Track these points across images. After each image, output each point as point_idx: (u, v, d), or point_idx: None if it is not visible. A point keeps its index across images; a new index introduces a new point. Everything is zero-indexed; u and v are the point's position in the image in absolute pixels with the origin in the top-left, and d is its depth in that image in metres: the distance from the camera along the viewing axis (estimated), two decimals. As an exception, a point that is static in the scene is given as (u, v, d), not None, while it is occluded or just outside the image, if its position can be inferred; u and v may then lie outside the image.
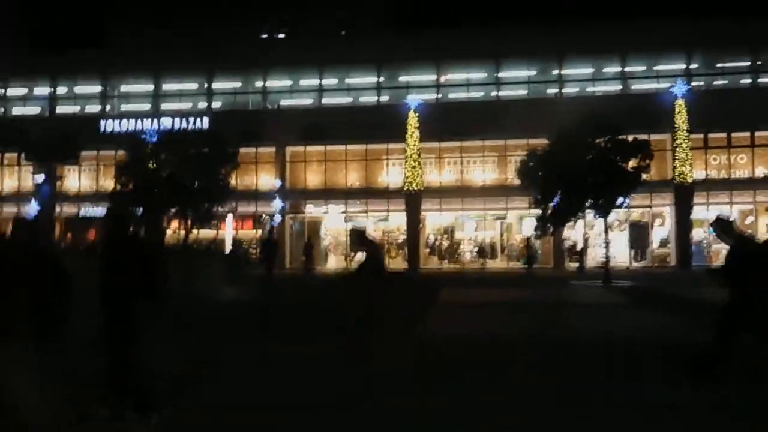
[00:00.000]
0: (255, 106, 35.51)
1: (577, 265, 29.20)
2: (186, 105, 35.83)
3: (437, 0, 41.33)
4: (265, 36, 40.05)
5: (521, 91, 33.84)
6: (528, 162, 22.79)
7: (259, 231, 34.69)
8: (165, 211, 24.90)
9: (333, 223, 34.22)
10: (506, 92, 33.68)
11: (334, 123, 32.00)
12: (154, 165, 24.45)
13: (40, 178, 11.21)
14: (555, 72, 33.16)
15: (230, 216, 31.65)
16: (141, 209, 24.08)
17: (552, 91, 33.30)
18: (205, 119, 33.18)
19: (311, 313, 13.12)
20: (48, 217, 22.88)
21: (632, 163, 21.86)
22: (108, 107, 36.56)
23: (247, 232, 34.70)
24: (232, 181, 27.27)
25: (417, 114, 31.65)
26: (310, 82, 35.03)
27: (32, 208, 24.92)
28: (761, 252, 6.90)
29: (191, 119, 33.43)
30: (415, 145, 31.70)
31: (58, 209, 28.09)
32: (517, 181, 31.87)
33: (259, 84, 35.56)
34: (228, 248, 29.07)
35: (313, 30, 38.93)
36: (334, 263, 33.37)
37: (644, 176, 22.18)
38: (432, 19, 38.11)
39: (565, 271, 28.93)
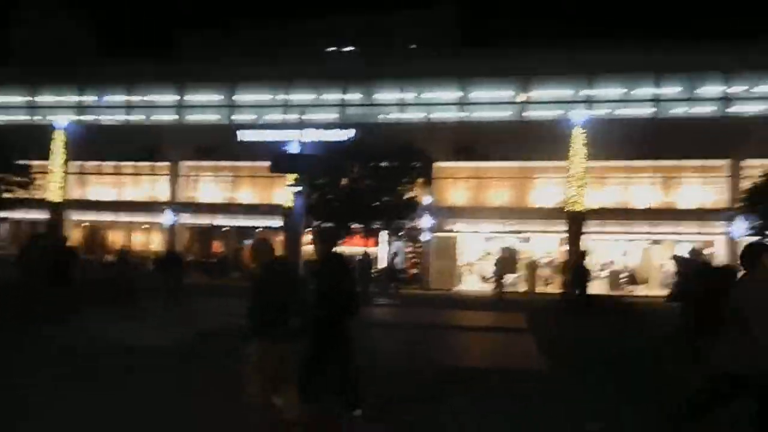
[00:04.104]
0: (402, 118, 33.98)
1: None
2: (318, 117, 34.57)
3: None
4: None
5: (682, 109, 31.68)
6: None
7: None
8: (347, 226, 23.61)
9: (475, 242, 32.71)
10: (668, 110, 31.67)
11: (483, 138, 30.62)
12: (343, 180, 23.15)
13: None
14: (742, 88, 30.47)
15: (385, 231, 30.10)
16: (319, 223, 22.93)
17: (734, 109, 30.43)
18: (352, 131, 31.86)
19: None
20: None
21: None
22: (239, 117, 35.63)
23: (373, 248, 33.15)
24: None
25: (584, 130, 29.89)
26: (454, 95, 33.62)
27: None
28: None
29: (336, 131, 32.21)
30: (581, 163, 29.90)
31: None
32: (685, 204, 30.55)
33: (401, 96, 34.07)
34: (383, 263, 27.86)
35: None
36: (472, 285, 31.80)
37: None
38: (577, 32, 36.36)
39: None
